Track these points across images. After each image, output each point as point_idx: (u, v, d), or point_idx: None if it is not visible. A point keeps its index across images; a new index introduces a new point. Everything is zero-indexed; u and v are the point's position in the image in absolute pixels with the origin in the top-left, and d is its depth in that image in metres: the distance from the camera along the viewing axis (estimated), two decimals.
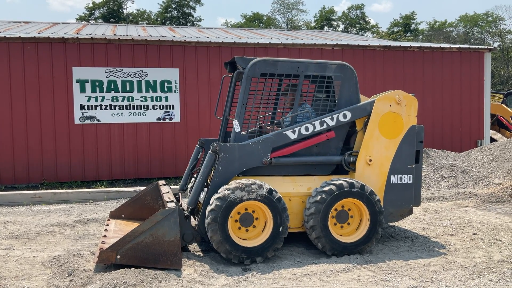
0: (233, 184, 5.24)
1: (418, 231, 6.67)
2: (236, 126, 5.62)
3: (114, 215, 6.53)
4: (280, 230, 5.27)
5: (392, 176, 5.91)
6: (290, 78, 5.84)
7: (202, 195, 5.73)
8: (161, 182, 6.74)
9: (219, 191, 5.23)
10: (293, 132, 5.69)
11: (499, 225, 6.90)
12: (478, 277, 4.80)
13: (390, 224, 6.84)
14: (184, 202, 6.44)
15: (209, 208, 5.17)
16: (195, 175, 6.31)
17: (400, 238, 6.34)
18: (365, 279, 4.80)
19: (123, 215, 6.52)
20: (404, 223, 7.08)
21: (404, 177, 5.96)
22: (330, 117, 5.80)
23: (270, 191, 5.26)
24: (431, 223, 7.17)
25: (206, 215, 5.18)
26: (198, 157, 6.54)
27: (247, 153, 5.53)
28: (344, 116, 5.85)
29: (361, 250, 5.55)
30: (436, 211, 8.00)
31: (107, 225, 6.16)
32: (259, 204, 5.24)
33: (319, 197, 5.40)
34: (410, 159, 5.98)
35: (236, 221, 5.27)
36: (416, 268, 5.11)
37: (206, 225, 5.18)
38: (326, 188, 5.44)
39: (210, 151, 5.52)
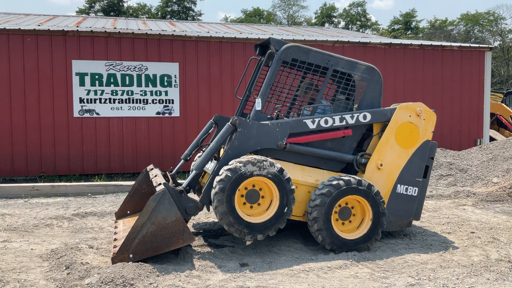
0: (245, 158, 5.24)
1: (416, 229, 6.67)
2: (258, 104, 5.64)
3: (120, 215, 6.45)
4: (285, 211, 5.28)
5: (398, 185, 5.93)
6: (318, 69, 5.87)
7: (209, 165, 5.71)
8: (150, 166, 6.64)
9: (230, 163, 5.21)
10: (313, 122, 5.72)
11: (497, 224, 6.91)
12: (476, 275, 4.81)
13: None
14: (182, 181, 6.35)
15: (218, 178, 5.15)
16: (204, 149, 6.27)
17: (398, 235, 6.35)
18: (362, 276, 4.80)
19: (128, 212, 6.45)
20: None
21: (410, 188, 5.98)
22: (350, 115, 5.84)
23: (281, 170, 5.27)
24: (429, 221, 7.17)
25: (214, 185, 5.15)
26: (210, 131, 6.52)
27: (264, 132, 5.54)
28: (364, 117, 5.88)
29: (360, 249, 5.56)
30: (434, 209, 8.00)
31: (115, 227, 6.08)
32: (268, 182, 5.24)
33: (326, 190, 5.41)
34: (419, 172, 6.01)
35: (242, 196, 5.26)
36: (413, 266, 5.11)
37: (212, 195, 5.15)
38: (334, 182, 5.45)
39: (229, 123, 5.49)
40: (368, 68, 6.00)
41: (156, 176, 5.99)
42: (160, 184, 5.29)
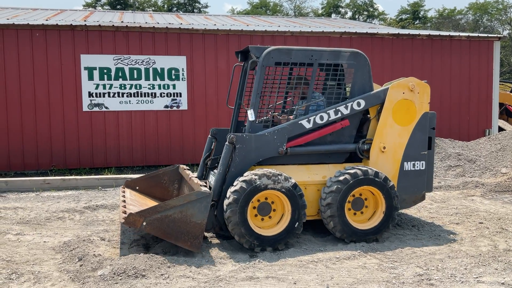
0: (260, 171, 5.29)
1: (424, 220, 6.69)
2: (251, 115, 5.63)
3: (129, 185, 6.67)
4: (295, 226, 5.32)
5: (405, 163, 5.97)
6: (304, 66, 5.86)
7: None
8: (183, 166, 6.77)
9: (245, 175, 5.27)
10: (308, 121, 5.72)
11: (506, 214, 6.91)
12: (484, 265, 4.83)
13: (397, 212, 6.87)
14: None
15: (232, 189, 5.21)
16: (209, 165, 6.40)
17: (406, 226, 6.37)
18: (371, 266, 4.84)
19: (137, 187, 6.63)
20: (411, 212, 7.11)
21: (417, 163, 6.01)
22: (344, 105, 5.83)
23: (295, 185, 5.32)
24: (437, 212, 7.19)
25: (228, 195, 5.22)
26: (212, 147, 6.57)
27: (263, 143, 5.56)
28: (358, 104, 5.87)
29: (368, 239, 5.60)
30: (442, 200, 8.01)
31: (123, 192, 6.32)
32: (281, 196, 5.29)
33: (342, 177, 5.47)
34: (422, 146, 6.03)
35: (254, 208, 5.32)
36: (422, 256, 5.14)
37: (225, 205, 5.21)
38: (351, 171, 5.51)
39: (227, 143, 5.52)
40: (352, 54, 5.92)
41: (196, 177, 6.10)
42: (205, 186, 5.46)
